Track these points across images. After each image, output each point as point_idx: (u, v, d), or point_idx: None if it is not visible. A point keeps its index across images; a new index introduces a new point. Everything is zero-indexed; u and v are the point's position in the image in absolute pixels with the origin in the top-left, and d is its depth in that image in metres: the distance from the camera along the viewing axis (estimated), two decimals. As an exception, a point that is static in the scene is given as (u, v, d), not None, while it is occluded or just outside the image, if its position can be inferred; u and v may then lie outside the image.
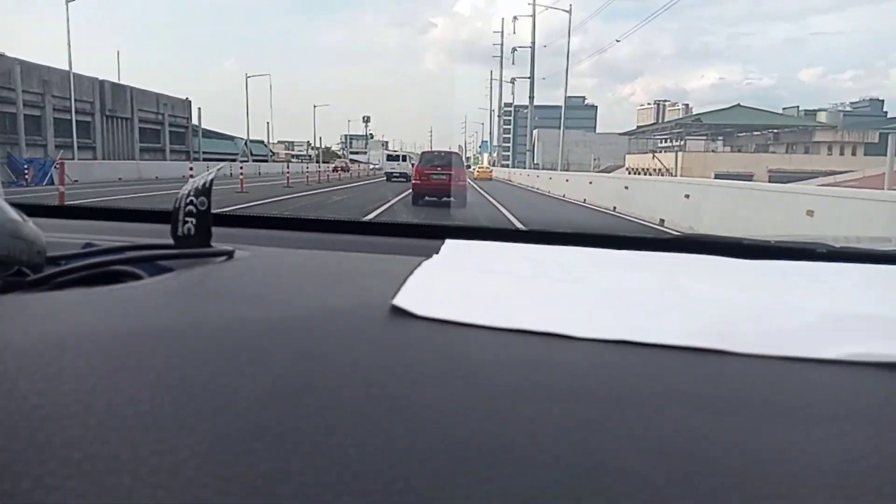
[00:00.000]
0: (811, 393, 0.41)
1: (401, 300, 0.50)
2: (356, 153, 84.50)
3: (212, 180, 0.57)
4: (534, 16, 43.00)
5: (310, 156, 76.26)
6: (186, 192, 0.56)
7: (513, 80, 51.33)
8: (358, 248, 0.80)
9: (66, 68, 27.23)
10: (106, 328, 0.43)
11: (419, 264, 0.62)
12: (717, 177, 28.04)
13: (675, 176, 33.35)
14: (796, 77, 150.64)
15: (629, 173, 42.69)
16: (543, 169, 45.28)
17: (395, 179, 30.29)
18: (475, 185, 26.87)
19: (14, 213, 0.50)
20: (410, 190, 15.88)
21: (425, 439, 0.32)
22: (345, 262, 0.68)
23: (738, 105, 51.35)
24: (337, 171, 40.49)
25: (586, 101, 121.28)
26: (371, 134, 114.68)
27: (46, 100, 27.78)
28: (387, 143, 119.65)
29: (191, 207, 0.55)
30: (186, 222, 0.55)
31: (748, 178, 30.01)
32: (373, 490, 0.28)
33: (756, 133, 54.38)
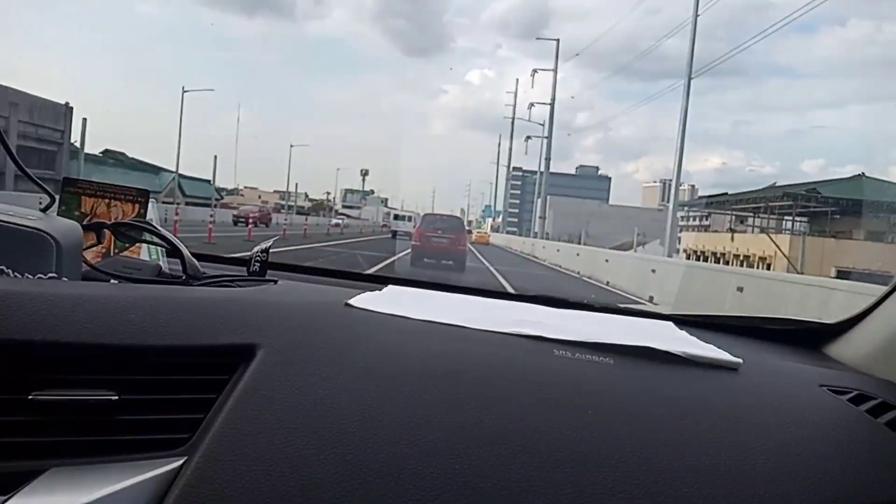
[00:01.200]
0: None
1: (355, 301, 0.87)
2: (350, 207, 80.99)
3: (269, 246, 1.06)
4: (555, 70, 39.71)
5: (301, 206, 73.22)
6: (257, 249, 1.05)
7: (528, 139, 48.11)
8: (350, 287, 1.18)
9: None
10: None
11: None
12: (839, 275, 20.48)
13: (799, 270, 23.92)
14: (798, 167, 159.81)
15: (687, 256, 36.40)
16: (555, 240, 40.67)
17: (400, 238, 31.08)
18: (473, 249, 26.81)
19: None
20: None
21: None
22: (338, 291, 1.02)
23: (863, 175, 31.07)
24: (250, 221, 28.16)
25: (599, 172, 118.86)
26: (371, 190, 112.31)
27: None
28: (386, 199, 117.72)
29: (258, 257, 1.04)
30: (255, 265, 1.04)
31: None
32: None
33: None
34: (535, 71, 44.55)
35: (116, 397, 0.55)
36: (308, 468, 0.51)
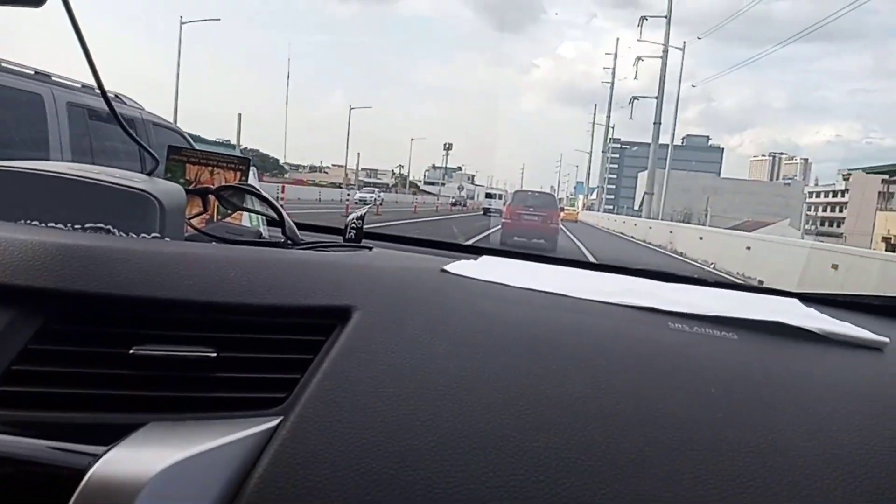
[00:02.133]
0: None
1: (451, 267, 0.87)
2: (431, 184, 76.13)
3: (364, 213, 1.10)
4: (669, 17, 33.15)
5: (387, 185, 69.38)
6: (352, 217, 1.08)
7: (633, 100, 41.58)
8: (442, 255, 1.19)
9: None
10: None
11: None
12: None
13: None
14: None
15: (889, 247, 29.85)
16: (666, 220, 34.48)
17: (492, 214, 31.19)
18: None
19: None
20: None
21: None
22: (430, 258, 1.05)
23: None
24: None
25: (710, 142, 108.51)
26: (459, 167, 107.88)
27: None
28: (473, 176, 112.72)
29: (353, 225, 1.08)
30: (350, 231, 1.07)
31: None
32: None
33: None
34: (643, 18, 37.78)
35: (215, 354, 0.56)
36: (403, 434, 0.51)
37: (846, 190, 64.82)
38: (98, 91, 0.87)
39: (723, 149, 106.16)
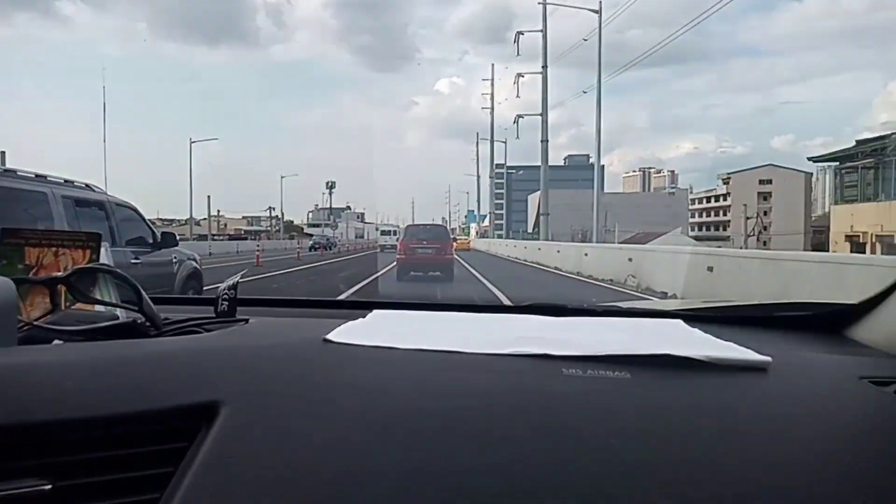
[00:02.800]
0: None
1: (333, 336, 0.82)
2: (315, 225, 72.23)
3: (238, 282, 0.99)
4: (545, 31, 32.19)
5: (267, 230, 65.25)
6: (224, 287, 0.97)
7: (518, 118, 40.41)
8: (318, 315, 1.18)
9: None
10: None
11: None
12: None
13: None
14: (769, 144, 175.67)
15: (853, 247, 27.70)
16: (559, 240, 33.07)
17: (388, 251, 31.11)
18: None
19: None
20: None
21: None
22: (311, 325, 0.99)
23: None
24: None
25: (591, 160, 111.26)
26: (348, 206, 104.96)
27: None
28: (362, 214, 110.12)
29: (225, 295, 0.97)
30: (222, 304, 0.97)
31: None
32: None
33: None
34: (519, 34, 36.70)
35: (50, 486, 0.49)
36: None
37: (727, 193, 67.68)
38: (76, 184, 2.57)
39: (603, 166, 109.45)
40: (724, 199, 67.19)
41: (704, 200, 71.48)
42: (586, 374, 0.71)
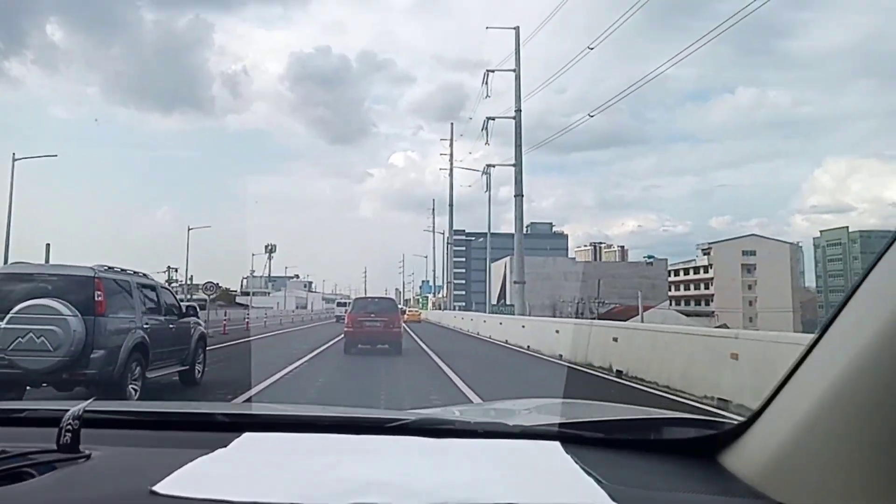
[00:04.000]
0: None
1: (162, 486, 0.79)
2: (246, 294, 64.33)
3: (84, 409, 0.95)
4: (518, 68, 26.96)
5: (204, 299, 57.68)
6: (69, 415, 0.93)
7: (487, 169, 34.76)
8: (174, 443, 1.10)
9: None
10: None
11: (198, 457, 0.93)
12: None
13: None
14: (707, 224, 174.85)
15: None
16: (534, 313, 27.12)
17: (342, 321, 32.50)
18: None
19: None
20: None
21: None
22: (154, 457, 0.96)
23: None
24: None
25: (554, 229, 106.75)
26: (296, 275, 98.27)
27: None
28: (311, 283, 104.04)
29: (68, 426, 0.92)
30: (65, 436, 0.92)
31: None
32: None
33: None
34: (489, 72, 31.38)
35: None
36: None
37: (709, 265, 63.23)
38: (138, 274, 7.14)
39: (566, 235, 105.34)
40: (706, 272, 62.56)
41: (682, 272, 67.01)
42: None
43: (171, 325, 8.72)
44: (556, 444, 1.05)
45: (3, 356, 6.40)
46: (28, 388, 6.80)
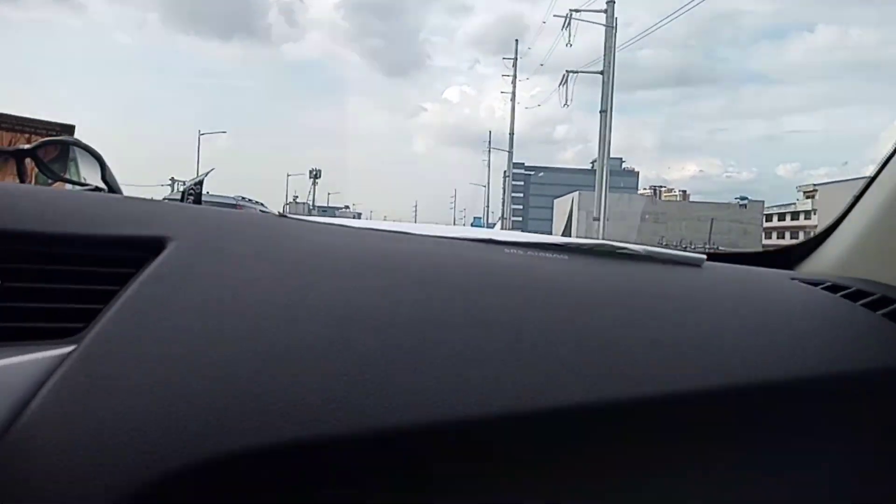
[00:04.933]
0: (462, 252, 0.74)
1: None
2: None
3: (203, 178, 1.09)
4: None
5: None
6: (190, 182, 1.04)
7: (567, 75, 28.24)
8: None
9: None
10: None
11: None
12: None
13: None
14: (773, 171, 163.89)
15: None
16: None
17: None
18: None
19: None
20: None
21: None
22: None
23: None
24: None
25: (625, 165, 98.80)
26: (347, 205, 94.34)
27: None
28: (360, 214, 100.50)
29: (191, 190, 1.07)
30: (188, 198, 1.05)
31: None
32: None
33: None
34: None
35: None
36: (219, 346, 0.48)
37: (813, 210, 55.68)
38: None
39: (638, 172, 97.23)
40: (808, 217, 55.01)
41: (776, 217, 59.49)
42: (526, 253, 0.74)
43: None
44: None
45: None
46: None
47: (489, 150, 69.68)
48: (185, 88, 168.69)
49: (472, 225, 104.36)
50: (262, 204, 11.68)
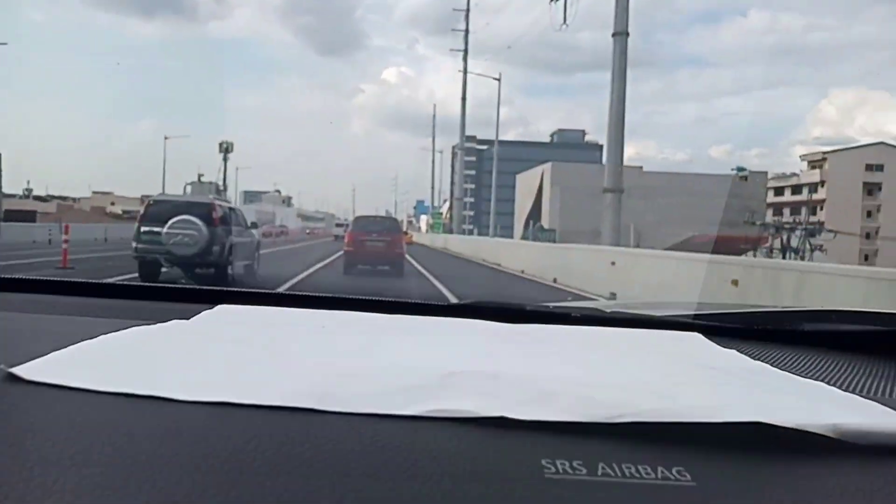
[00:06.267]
0: (383, 450, 0.43)
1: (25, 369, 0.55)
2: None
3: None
4: None
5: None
6: None
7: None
8: (118, 313, 0.95)
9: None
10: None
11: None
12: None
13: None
14: (707, 153, 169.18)
15: None
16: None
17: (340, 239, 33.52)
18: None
19: None
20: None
21: None
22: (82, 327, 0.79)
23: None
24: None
25: (587, 136, 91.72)
26: (278, 190, 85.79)
27: None
28: (289, 198, 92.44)
29: None
30: None
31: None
32: None
33: None
34: None
35: None
36: None
37: (819, 182, 49.73)
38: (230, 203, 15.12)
39: (601, 146, 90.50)
40: (813, 191, 48.99)
41: (788, 191, 53.37)
42: (598, 475, 0.38)
43: (244, 234, 13.57)
44: (696, 334, 0.90)
45: (166, 248, 11.21)
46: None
47: (434, 118, 62.81)
48: (104, 68, 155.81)
49: (414, 209, 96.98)
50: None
